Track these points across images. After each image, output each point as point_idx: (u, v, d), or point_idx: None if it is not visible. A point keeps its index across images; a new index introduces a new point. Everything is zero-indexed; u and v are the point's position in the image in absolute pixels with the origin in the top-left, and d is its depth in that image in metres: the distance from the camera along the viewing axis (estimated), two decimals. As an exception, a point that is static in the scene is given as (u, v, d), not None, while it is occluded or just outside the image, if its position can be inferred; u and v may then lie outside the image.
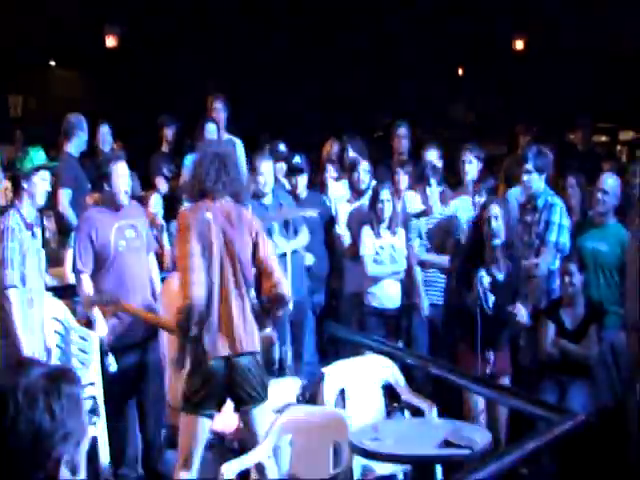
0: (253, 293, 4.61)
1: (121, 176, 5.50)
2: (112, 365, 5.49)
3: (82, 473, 1.76)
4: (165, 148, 8.64)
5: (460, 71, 15.81)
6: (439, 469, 4.48)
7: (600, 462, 5.30)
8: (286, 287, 4.43)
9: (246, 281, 4.41)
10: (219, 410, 4.53)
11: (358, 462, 4.61)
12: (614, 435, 5.26)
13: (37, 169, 5.16)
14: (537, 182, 6.00)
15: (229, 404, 4.54)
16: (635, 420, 5.06)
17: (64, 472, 1.70)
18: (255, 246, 4.41)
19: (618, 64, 13.59)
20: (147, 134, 9.61)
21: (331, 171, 7.48)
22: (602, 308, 5.78)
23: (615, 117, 12.90)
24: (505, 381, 5.37)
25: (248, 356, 4.37)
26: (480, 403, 5.18)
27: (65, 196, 7.16)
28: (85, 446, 1.76)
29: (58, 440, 1.67)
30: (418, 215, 6.63)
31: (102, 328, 5.40)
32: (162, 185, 7.96)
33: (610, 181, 6.02)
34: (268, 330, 4.70)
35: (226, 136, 7.97)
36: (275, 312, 4.50)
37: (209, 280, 4.36)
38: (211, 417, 4.46)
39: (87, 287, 5.37)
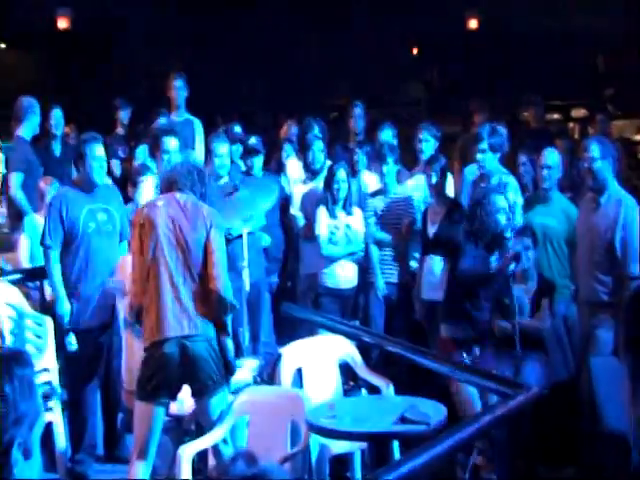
0: None
1: (96, 158, 5.53)
2: (72, 344, 5.49)
3: (36, 456, 1.75)
4: (120, 131, 8.59)
5: (415, 51, 15.84)
6: (396, 445, 4.51)
7: (553, 434, 5.40)
8: (222, 282, 4.37)
9: (196, 269, 4.39)
10: (174, 398, 4.50)
11: (315, 441, 4.62)
12: (567, 408, 5.34)
13: None
14: (491, 161, 6.05)
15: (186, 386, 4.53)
16: (587, 393, 5.14)
17: (16, 455, 1.69)
18: (207, 238, 4.42)
19: (569, 43, 13.71)
20: (100, 117, 9.53)
21: (289, 150, 7.48)
22: (553, 283, 5.85)
23: (567, 95, 13.02)
24: None
25: (203, 342, 4.35)
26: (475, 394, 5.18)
27: (16, 180, 7.07)
28: (39, 429, 1.75)
29: (10, 423, 1.66)
30: (374, 194, 6.66)
31: (64, 308, 5.48)
32: (116, 167, 7.92)
33: (552, 156, 6.09)
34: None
35: (186, 116, 7.94)
36: (220, 317, 4.44)
37: (156, 266, 4.37)
38: (166, 405, 4.45)
39: (54, 266, 5.47)
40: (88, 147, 5.55)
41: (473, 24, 14.89)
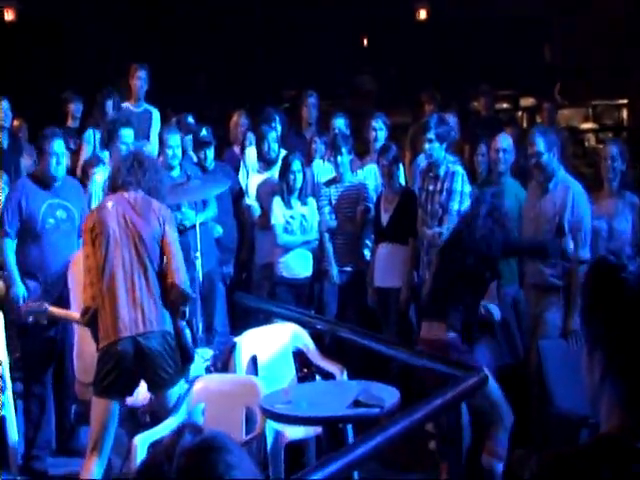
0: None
1: (55, 153, 5.54)
2: (30, 318, 5.47)
3: None
4: (70, 123, 8.55)
5: (365, 41, 15.88)
6: (350, 429, 4.55)
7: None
8: (181, 275, 4.42)
9: (152, 263, 4.42)
10: (131, 393, 4.53)
11: (271, 428, 4.66)
12: (517, 390, 5.42)
13: None
14: (438, 150, 6.10)
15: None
16: (536, 375, 5.23)
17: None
18: (162, 233, 4.45)
19: (517, 32, 13.86)
20: (48, 109, 9.44)
21: (250, 139, 7.48)
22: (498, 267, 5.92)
23: (515, 84, 13.16)
24: None
25: (158, 337, 4.36)
26: None
27: None
28: None
29: None
30: (329, 183, 6.69)
31: (19, 290, 5.51)
32: (67, 159, 7.86)
33: (505, 140, 6.22)
34: None
35: (144, 106, 7.94)
36: (178, 308, 4.47)
37: (110, 265, 4.38)
38: (122, 400, 4.48)
39: (10, 251, 5.53)
40: (48, 142, 5.58)
41: (422, 14, 14.98)
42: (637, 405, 1.61)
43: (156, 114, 7.92)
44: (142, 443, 4.33)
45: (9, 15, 13.80)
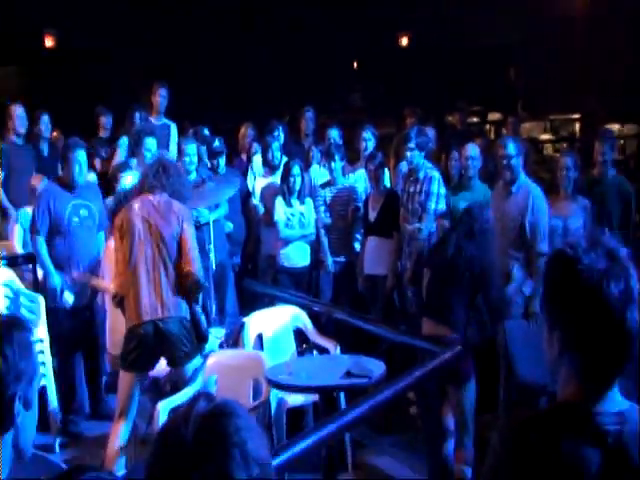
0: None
1: (78, 161, 5.51)
2: (69, 301, 5.45)
3: (35, 407, 1.75)
4: (102, 134, 8.53)
5: (355, 64, 15.87)
6: (343, 397, 4.55)
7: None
8: (196, 264, 4.38)
9: (170, 258, 4.37)
10: (152, 368, 4.50)
11: (274, 396, 4.64)
12: (486, 364, 5.41)
13: None
14: (418, 157, 6.08)
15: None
16: (503, 355, 5.20)
17: (18, 407, 1.68)
18: (180, 231, 4.40)
19: (486, 57, 13.86)
20: (83, 124, 9.41)
21: (257, 148, 7.45)
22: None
23: (484, 101, 13.16)
24: None
25: (175, 321, 4.33)
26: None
27: None
28: (37, 383, 1.74)
29: (11, 380, 1.65)
30: (324, 185, 6.67)
31: (55, 281, 5.48)
32: (99, 165, 7.85)
33: (474, 149, 6.22)
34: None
35: (164, 120, 7.90)
36: (193, 293, 4.43)
37: (134, 259, 4.35)
38: (145, 373, 4.46)
39: (42, 248, 5.48)
40: (71, 151, 5.53)
41: (404, 41, 14.96)
42: (590, 375, 1.60)
43: (174, 128, 7.89)
44: (164, 409, 4.31)
45: (49, 41, 13.77)
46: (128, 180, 6.00)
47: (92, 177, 6.70)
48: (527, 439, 1.58)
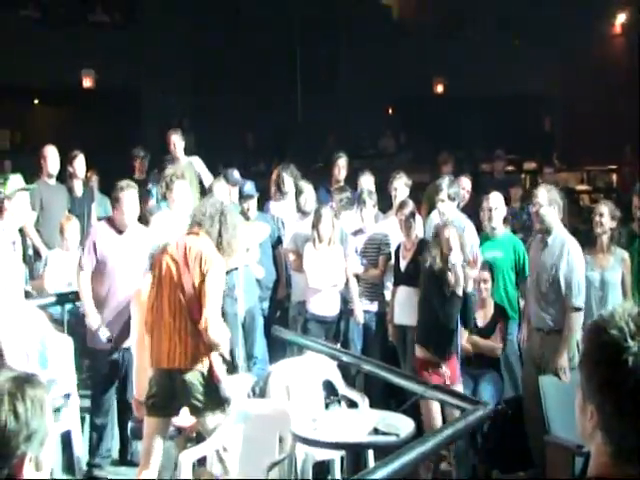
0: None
1: (131, 204, 5.49)
2: (105, 335, 5.42)
3: (46, 470, 1.68)
4: (138, 176, 8.61)
5: (390, 110, 15.94)
6: (370, 453, 4.43)
7: (507, 444, 5.32)
8: (209, 323, 4.14)
9: (191, 308, 4.21)
10: (175, 414, 4.41)
11: (301, 449, 4.54)
12: (517, 421, 5.28)
13: (18, 192, 5.05)
14: (450, 208, 6.03)
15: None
16: (535, 407, 5.07)
17: (29, 469, 1.62)
18: (202, 281, 4.21)
19: (520, 104, 13.84)
20: (118, 162, 9.52)
21: (275, 194, 7.48)
22: (505, 310, 5.82)
23: (519, 150, 13.10)
24: (458, 388, 5.15)
25: (195, 372, 4.21)
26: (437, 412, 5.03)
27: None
28: (49, 446, 1.68)
29: (22, 440, 1.59)
30: (355, 233, 6.61)
31: (95, 319, 5.43)
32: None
33: (496, 199, 6.12)
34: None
35: (186, 160, 7.97)
36: (210, 353, 4.24)
37: (158, 304, 4.29)
38: (167, 419, 4.36)
39: (85, 286, 5.47)
40: (126, 194, 5.49)
41: (439, 88, 15.02)
42: (621, 460, 1.50)
43: (197, 160, 8.04)
44: (186, 459, 4.23)
45: (87, 82, 14.04)
46: (160, 222, 6.01)
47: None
48: None
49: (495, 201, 6.09)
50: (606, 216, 5.65)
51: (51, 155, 7.38)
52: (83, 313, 5.64)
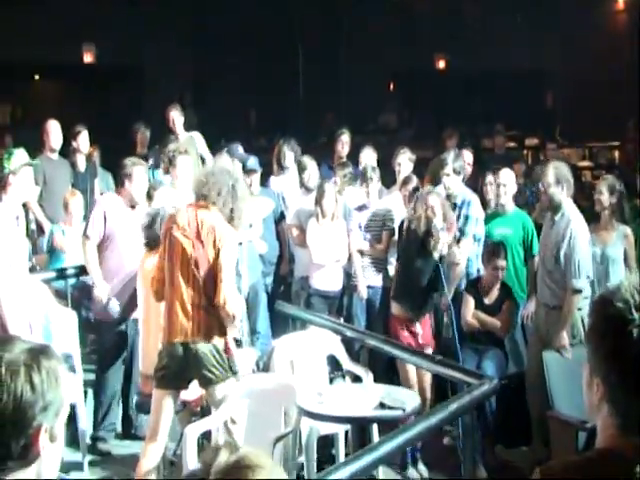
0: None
1: (141, 180, 5.50)
2: (115, 308, 5.41)
3: (60, 441, 1.68)
4: (139, 150, 8.59)
5: (392, 86, 15.86)
6: (375, 428, 4.44)
7: (510, 418, 5.34)
8: (225, 297, 4.13)
9: (205, 282, 4.19)
10: (185, 387, 4.39)
11: (306, 423, 4.55)
12: (520, 395, 5.29)
13: (22, 167, 5.01)
14: (455, 182, 6.01)
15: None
16: (540, 385, 5.07)
17: (44, 439, 1.62)
18: (217, 255, 4.18)
19: (522, 80, 13.76)
20: (120, 136, 9.48)
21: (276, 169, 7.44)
22: (512, 290, 5.81)
23: (522, 126, 13.05)
24: (428, 351, 5.34)
25: (206, 344, 4.19)
26: (412, 372, 5.17)
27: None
28: (64, 416, 1.68)
29: (39, 410, 1.59)
30: (359, 209, 6.59)
31: (102, 290, 5.42)
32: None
33: (507, 175, 6.09)
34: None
35: (185, 135, 7.94)
36: (226, 325, 4.25)
37: (170, 275, 4.26)
38: (176, 393, 4.34)
39: (92, 255, 5.46)
40: (137, 170, 5.49)
41: (441, 64, 14.92)
42: (628, 430, 1.52)
43: (197, 136, 8.00)
44: (192, 433, 4.24)
45: (87, 57, 13.95)
46: (163, 197, 5.99)
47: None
48: None
49: (505, 177, 6.05)
50: (605, 193, 5.63)
51: (54, 130, 7.35)
52: (90, 284, 5.60)
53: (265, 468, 1.27)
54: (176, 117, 7.99)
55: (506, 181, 6.03)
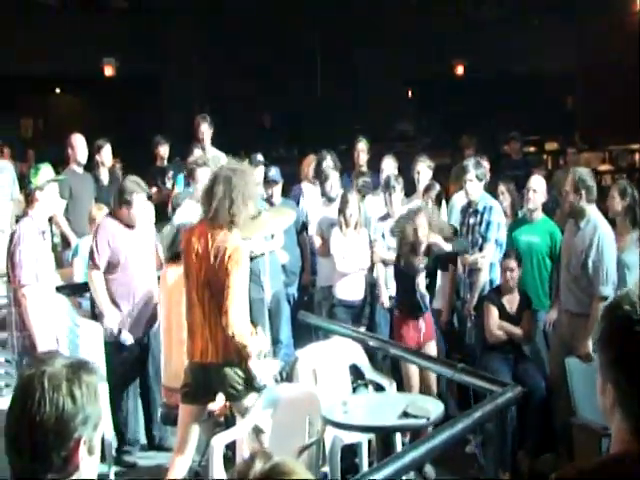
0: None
1: (140, 207, 5.49)
2: (128, 340, 5.45)
3: (97, 453, 1.75)
4: (159, 163, 8.67)
5: (409, 93, 15.86)
6: (398, 436, 4.47)
7: (533, 425, 5.34)
8: (230, 318, 4.07)
9: (219, 305, 4.14)
10: (211, 400, 4.43)
11: (329, 432, 4.59)
12: (544, 403, 5.29)
13: (49, 182, 5.11)
14: (477, 189, 6.03)
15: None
16: (563, 392, 5.07)
17: (83, 451, 1.68)
18: (226, 274, 4.10)
19: (541, 84, 13.71)
20: (140, 149, 9.58)
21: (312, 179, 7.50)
22: (531, 299, 5.78)
23: (541, 130, 13.01)
24: (432, 345, 5.54)
25: (227, 366, 4.19)
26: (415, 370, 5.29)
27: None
28: (101, 429, 1.75)
29: (79, 423, 1.65)
30: (382, 218, 6.61)
31: (113, 320, 5.41)
32: (155, 195, 7.97)
33: (538, 181, 6.06)
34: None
35: (213, 152, 7.95)
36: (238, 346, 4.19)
37: (188, 297, 4.27)
38: (202, 407, 4.38)
39: (99, 284, 5.42)
40: (136, 197, 5.45)
41: (459, 70, 14.92)
42: (639, 436, 1.52)
43: (224, 159, 7.92)
44: (218, 444, 4.29)
45: (109, 70, 14.10)
46: (186, 211, 6.06)
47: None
48: None
49: (536, 183, 5.97)
50: (616, 197, 5.57)
51: (79, 144, 7.44)
52: (98, 313, 5.56)
53: (300, 475, 1.31)
54: (205, 130, 7.93)
55: (535, 186, 5.99)
